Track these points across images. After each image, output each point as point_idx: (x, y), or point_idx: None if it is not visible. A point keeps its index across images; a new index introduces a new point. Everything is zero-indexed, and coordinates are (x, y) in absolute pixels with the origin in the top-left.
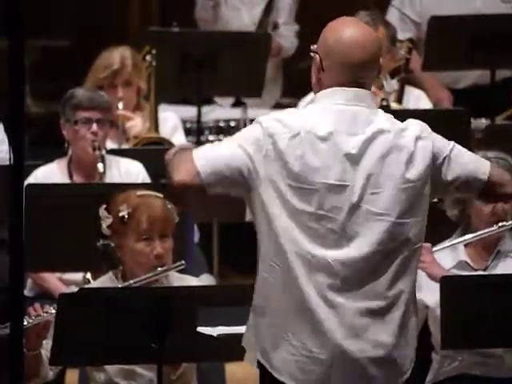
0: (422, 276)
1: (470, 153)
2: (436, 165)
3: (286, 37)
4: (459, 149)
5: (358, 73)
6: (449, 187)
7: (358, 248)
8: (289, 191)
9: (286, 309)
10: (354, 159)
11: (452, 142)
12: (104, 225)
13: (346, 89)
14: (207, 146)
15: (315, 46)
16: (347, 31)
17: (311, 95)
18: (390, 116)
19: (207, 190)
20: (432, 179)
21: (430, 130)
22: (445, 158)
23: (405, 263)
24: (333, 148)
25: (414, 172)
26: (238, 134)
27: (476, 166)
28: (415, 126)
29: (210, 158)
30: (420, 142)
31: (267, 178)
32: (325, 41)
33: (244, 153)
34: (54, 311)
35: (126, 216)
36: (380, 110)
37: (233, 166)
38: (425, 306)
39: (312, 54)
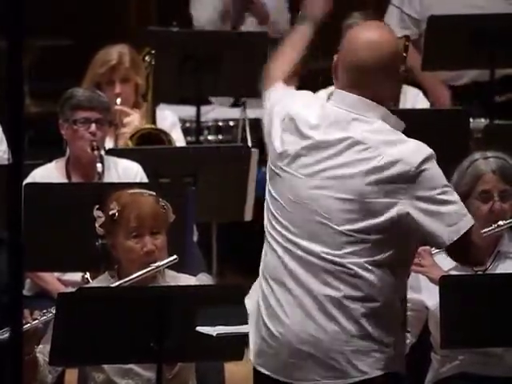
0: (421, 278)
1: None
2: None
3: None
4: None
5: (361, 76)
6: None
7: (306, 245)
8: (268, 173)
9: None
10: (317, 156)
11: (440, 188)
12: (97, 224)
13: (344, 92)
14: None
15: None
16: (363, 34)
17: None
18: (388, 129)
19: None
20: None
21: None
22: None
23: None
24: (304, 141)
25: (373, 191)
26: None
27: (443, 233)
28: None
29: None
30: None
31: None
32: (343, 41)
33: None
34: (44, 317)
35: (116, 214)
36: (377, 122)
37: None
38: (425, 307)
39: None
